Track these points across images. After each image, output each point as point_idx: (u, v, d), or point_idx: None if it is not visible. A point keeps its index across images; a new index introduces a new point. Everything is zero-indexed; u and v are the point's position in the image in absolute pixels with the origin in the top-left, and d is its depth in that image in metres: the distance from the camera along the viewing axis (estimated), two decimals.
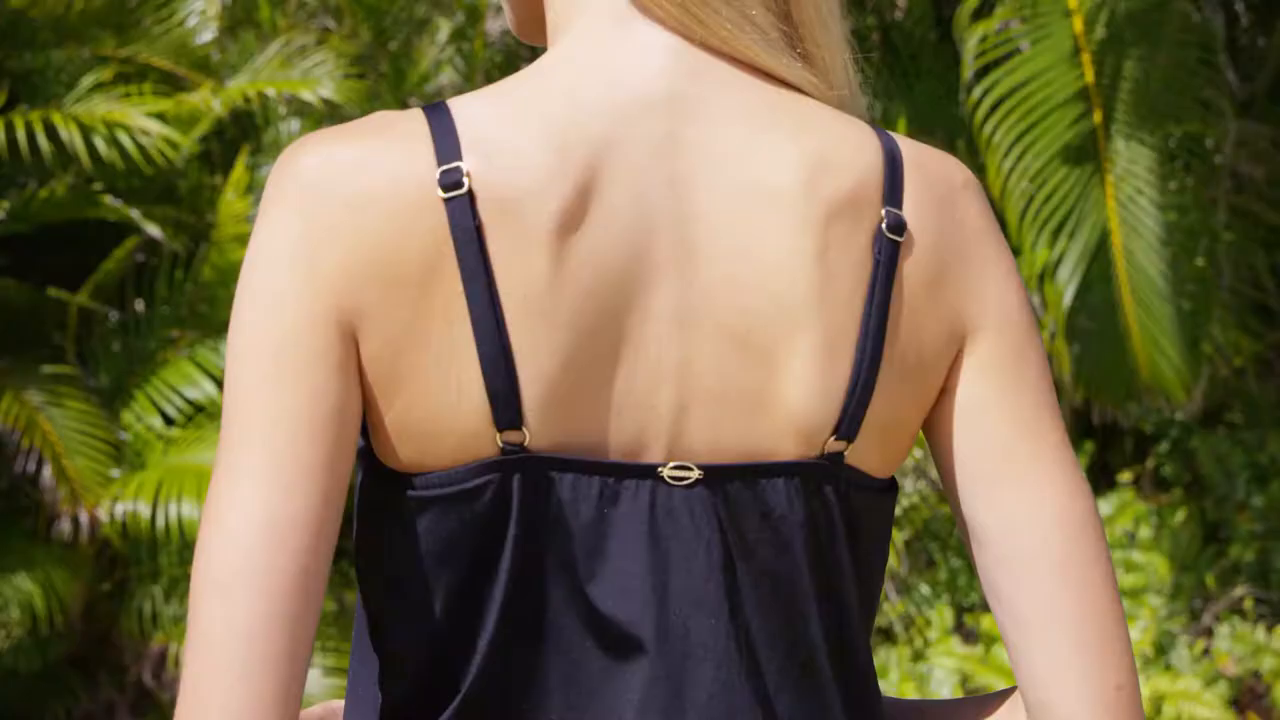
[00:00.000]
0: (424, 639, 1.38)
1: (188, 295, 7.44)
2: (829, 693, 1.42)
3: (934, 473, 7.53)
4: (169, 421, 7.30)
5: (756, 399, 1.37)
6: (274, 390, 1.31)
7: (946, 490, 1.48)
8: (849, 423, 1.39)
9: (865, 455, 1.42)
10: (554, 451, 1.35)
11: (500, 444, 1.33)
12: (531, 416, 1.33)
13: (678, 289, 1.36)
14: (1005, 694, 1.50)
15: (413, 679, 1.40)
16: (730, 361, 1.37)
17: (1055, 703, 1.40)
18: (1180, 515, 7.82)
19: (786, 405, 1.38)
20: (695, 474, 1.37)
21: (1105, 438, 8.49)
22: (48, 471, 6.83)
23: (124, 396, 7.29)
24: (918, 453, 7.31)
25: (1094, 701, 1.39)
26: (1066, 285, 6.82)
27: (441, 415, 1.33)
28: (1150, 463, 8.26)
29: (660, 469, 1.37)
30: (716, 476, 1.38)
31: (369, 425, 1.37)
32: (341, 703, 1.63)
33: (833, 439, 1.39)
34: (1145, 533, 7.72)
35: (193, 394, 7.19)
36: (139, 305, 7.56)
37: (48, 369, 7.12)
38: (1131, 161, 6.79)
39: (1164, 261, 6.76)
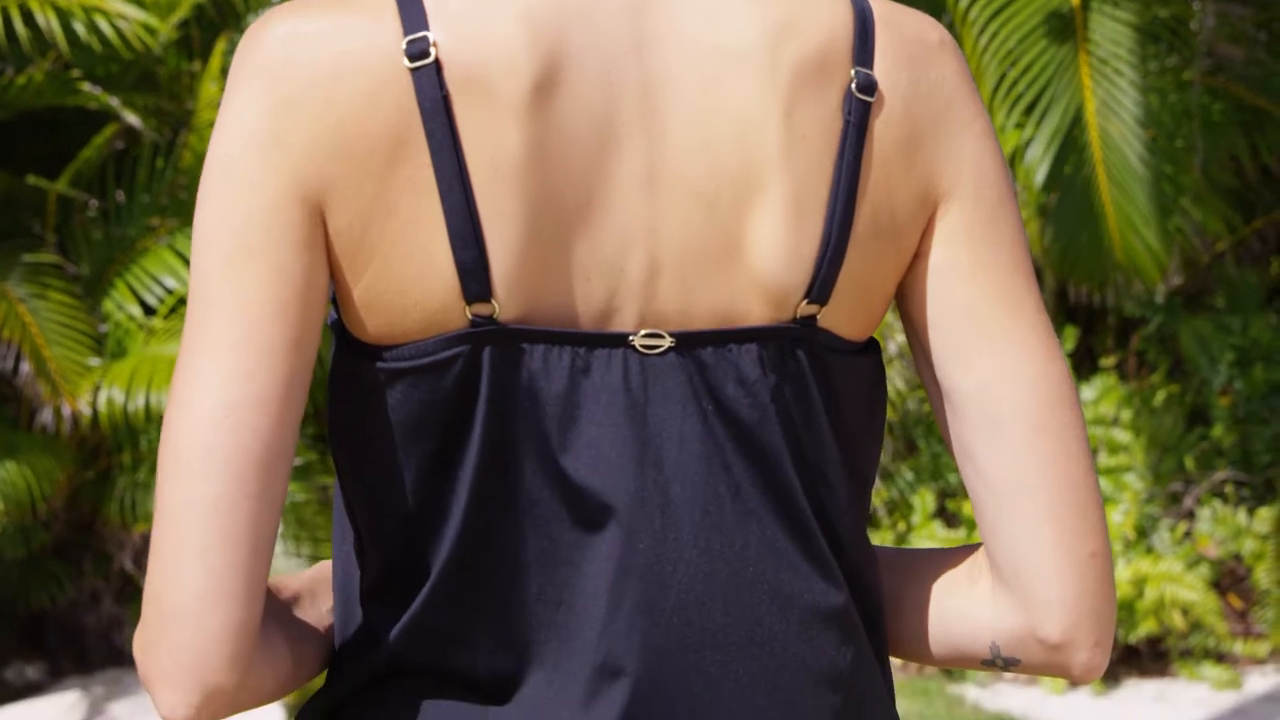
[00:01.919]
0: (396, 514, 1.38)
1: (168, 183, 7.40)
2: (817, 560, 1.41)
3: None
4: (149, 311, 7.28)
5: (726, 261, 1.36)
6: (238, 270, 1.31)
7: (917, 356, 1.47)
8: (821, 286, 1.38)
9: (839, 319, 1.41)
10: (524, 323, 1.34)
11: (469, 316, 1.33)
12: (500, 288, 1.32)
13: (645, 152, 1.34)
14: (967, 549, 1.50)
15: (388, 554, 1.40)
16: (699, 223, 1.35)
17: (1029, 568, 1.40)
18: (1162, 398, 7.84)
19: (756, 268, 1.36)
20: (667, 342, 1.36)
21: (1088, 322, 8.50)
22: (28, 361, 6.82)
23: (104, 285, 7.27)
24: (900, 338, 7.30)
25: (1068, 567, 1.40)
26: (1039, 164, 6.81)
27: (410, 288, 1.33)
28: (1133, 346, 8.27)
29: (631, 337, 1.36)
30: (688, 343, 1.37)
31: (339, 298, 1.36)
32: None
33: (805, 302, 1.38)
34: (1127, 416, 7.75)
35: (172, 283, 7.17)
36: (119, 195, 7.52)
37: (28, 257, 7.09)
38: (1114, 43, 6.76)
39: (1141, 142, 6.73)
